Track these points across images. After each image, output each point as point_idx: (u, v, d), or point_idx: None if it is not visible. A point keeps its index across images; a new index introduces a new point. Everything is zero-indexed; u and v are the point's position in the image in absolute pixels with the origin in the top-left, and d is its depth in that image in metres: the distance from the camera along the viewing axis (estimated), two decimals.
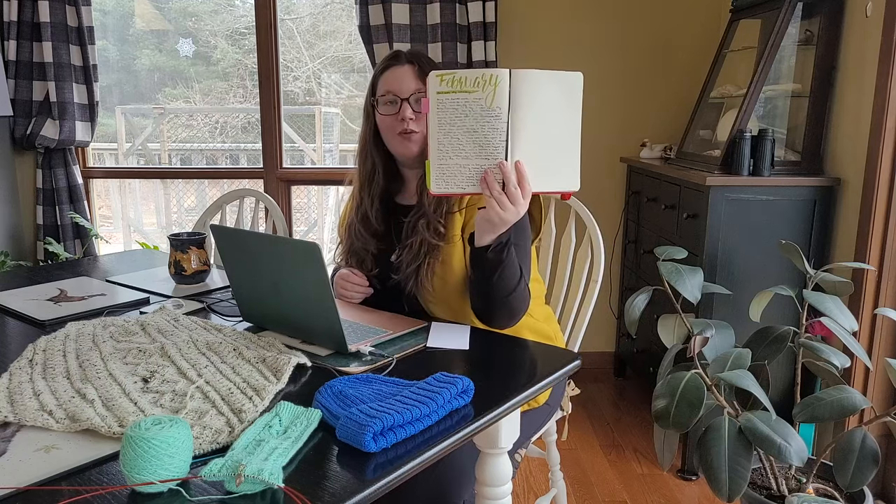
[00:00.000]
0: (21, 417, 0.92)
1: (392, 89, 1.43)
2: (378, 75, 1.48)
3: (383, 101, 1.45)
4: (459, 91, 1.14)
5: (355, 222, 1.53)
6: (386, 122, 1.45)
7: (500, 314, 1.35)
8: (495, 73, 1.13)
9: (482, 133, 1.16)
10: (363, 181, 1.53)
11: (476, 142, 1.17)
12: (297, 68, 3.83)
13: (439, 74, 1.14)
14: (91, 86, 2.99)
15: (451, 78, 1.14)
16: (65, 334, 1.26)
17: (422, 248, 1.42)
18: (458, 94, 1.14)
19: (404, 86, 1.43)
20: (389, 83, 1.44)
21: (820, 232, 2.23)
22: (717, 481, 1.48)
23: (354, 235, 1.53)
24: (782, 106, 2.41)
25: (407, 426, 0.89)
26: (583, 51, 3.00)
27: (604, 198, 3.09)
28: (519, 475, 2.32)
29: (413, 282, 1.43)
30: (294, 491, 0.76)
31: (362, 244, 1.52)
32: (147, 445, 0.75)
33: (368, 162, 1.52)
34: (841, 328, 1.67)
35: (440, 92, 1.14)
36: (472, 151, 1.17)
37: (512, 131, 1.16)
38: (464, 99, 1.15)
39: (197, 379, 1.05)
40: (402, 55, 1.46)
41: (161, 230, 4.66)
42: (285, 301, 1.23)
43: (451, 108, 1.15)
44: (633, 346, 2.88)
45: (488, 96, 1.15)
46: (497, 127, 1.16)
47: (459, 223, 1.44)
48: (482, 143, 1.17)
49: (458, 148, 1.17)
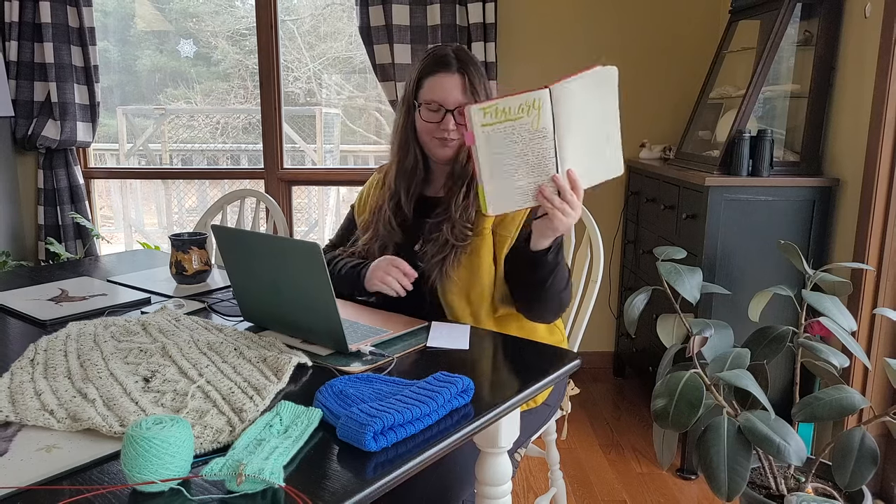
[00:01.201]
0: (22, 417, 0.93)
1: (437, 98, 1.43)
2: (424, 76, 1.46)
3: (427, 108, 1.45)
4: (504, 121, 1.15)
5: (387, 211, 1.53)
6: (427, 127, 1.46)
7: (553, 308, 1.40)
8: (537, 97, 1.14)
9: (532, 154, 1.17)
10: (401, 172, 1.53)
11: (527, 163, 1.18)
12: (298, 69, 3.83)
13: (482, 108, 1.14)
14: (92, 86, 3.00)
15: (494, 109, 1.14)
16: (66, 334, 1.26)
17: (448, 241, 1.43)
18: (503, 124, 1.15)
19: (451, 97, 1.43)
20: (435, 91, 1.43)
21: (819, 232, 2.24)
22: (716, 480, 1.48)
23: (383, 223, 1.53)
24: (781, 106, 2.41)
25: (407, 425, 0.89)
26: (582, 51, 3.00)
27: (603, 198, 3.09)
28: (519, 474, 2.32)
29: (438, 272, 1.43)
30: (295, 490, 0.76)
31: (388, 232, 1.52)
32: (148, 445, 0.75)
33: (410, 157, 1.52)
34: (840, 328, 1.67)
35: (485, 124, 1.14)
36: (524, 172, 1.18)
37: (559, 144, 1.18)
38: (510, 127, 1.15)
39: (198, 378, 1.05)
40: (453, 61, 1.44)
41: (162, 230, 4.67)
42: (286, 301, 1.23)
43: (498, 137, 1.15)
44: (633, 346, 2.88)
45: (533, 120, 1.15)
46: (545, 146, 1.17)
47: (491, 220, 1.44)
48: (533, 163, 1.18)
49: (510, 172, 1.18)
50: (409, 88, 1.49)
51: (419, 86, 1.47)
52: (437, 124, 1.44)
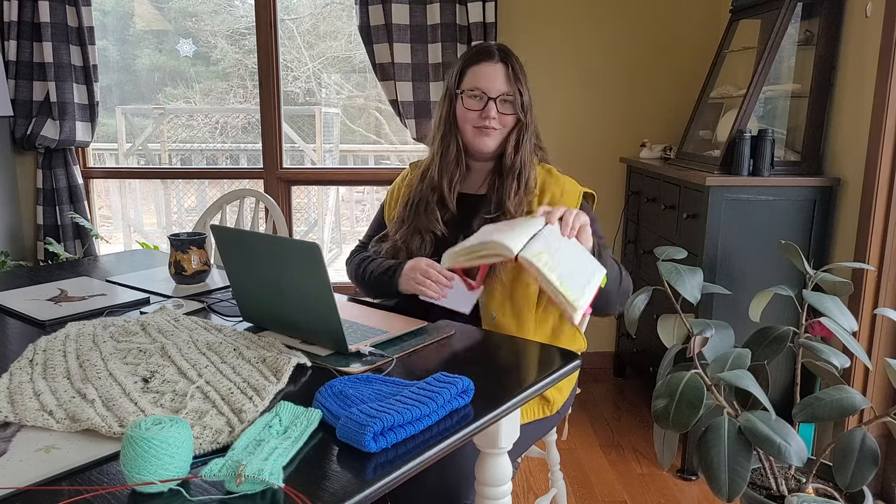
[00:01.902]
0: (21, 417, 0.93)
1: (480, 86, 1.45)
2: (467, 66, 1.48)
3: (470, 95, 1.46)
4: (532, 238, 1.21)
5: (431, 202, 1.52)
6: (468, 115, 1.47)
7: (617, 303, 1.43)
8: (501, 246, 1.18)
9: (564, 245, 1.24)
10: (444, 165, 1.52)
11: (568, 251, 1.24)
12: (298, 68, 3.83)
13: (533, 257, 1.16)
14: (91, 86, 2.99)
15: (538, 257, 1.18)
16: (65, 334, 1.26)
17: None
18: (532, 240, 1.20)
19: (494, 85, 1.45)
20: (479, 79, 1.46)
21: (819, 232, 2.24)
22: (716, 481, 1.48)
23: (424, 214, 1.51)
24: (782, 106, 2.41)
25: (407, 426, 0.89)
26: (582, 51, 3.00)
27: (603, 198, 3.08)
28: (519, 475, 2.32)
29: (491, 275, 1.43)
30: (294, 491, 0.76)
31: (429, 225, 1.50)
32: (147, 445, 0.75)
33: (452, 148, 1.52)
34: (840, 328, 1.67)
35: (529, 255, 1.16)
36: (571, 256, 1.23)
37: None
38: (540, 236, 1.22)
39: (197, 379, 1.05)
40: (496, 51, 1.47)
41: (161, 230, 4.67)
42: (285, 301, 1.23)
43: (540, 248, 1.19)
44: (633, 346, 2.88)
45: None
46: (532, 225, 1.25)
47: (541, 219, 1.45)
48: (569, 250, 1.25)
49: (567, 263, 1.21)
50: (452, 80, 1.51)
51: (462, 76, 1.49)
52: (478, 112, 1.46)
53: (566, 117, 3.04)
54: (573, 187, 1.52)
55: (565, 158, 3.04)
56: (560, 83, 3.02)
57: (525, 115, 1.48)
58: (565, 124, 3.04)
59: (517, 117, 1.48)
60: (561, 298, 1.15)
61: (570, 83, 3.02)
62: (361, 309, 1.46)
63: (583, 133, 3.06)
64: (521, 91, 1.46)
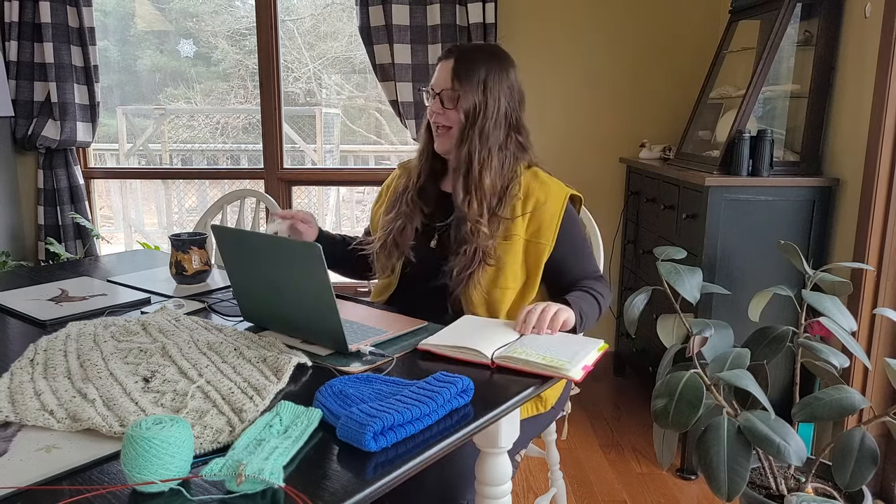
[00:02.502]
0: (22, 417, 0.93)
1: (432, 83, 1.48)
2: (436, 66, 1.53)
3: (426, 95, 1.50)
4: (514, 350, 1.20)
5: (411, 191, 1.56)
6: (428, 114, 1.51)
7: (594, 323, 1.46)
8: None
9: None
10: (419, 163, 1.58)
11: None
12: (298, 69, 3.83)
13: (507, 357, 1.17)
14: (92, 86, 3.00)
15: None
16: (66, 334, 1.26)
17: (476, 254, 1.44)
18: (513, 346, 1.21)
19: (438, 81, 1.47)
20: (433, 77, 1.49)
21: (819, 232, 2.24)
22: (716, 480, 1.48)
23: (406, 202, 1.55)
24: (781, 106, 2.41)
25: (407, 425, 0.89)
26: (582, 51, 3.00)
27: (603, 198, 3.09)
28: (519, 474, 2.32)
29: (464, 285, 1.44)
30: (294, 490, 0.76)
31: (410, 213, 1.54)
32: (148, 445, 0.75)
33: (423, 143, 1.57)
34: (840, 328, 1.67)
35: (501, 357, 1.16)
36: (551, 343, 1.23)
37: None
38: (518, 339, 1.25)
39: (198, 378, 1.05)
40: (454, 50, 1.48)
41: (162, 230, 4.67)
42: (286, 301, 1.23)
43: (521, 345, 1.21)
44: (633, 346, 2.88)
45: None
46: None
47: (522, 226, 1.46)
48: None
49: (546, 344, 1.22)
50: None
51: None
52: (432, 110, 1.49)
53: (566, 117, 3.04)
54: (559, 190, 1.49)
55: (565, 158, 3.06)
56: (560, 83, 3.02)
57: (471, 113, 1.43)
58: (565, 124, 3.04)
59: (466, 114, 1.43)
60: (552, 371, 1.11)
61: (569, 83, 3.03)
62: (361, 309, 1.46)
63: (582, 133, 3.06)
64: (469, 88, 1.42)
